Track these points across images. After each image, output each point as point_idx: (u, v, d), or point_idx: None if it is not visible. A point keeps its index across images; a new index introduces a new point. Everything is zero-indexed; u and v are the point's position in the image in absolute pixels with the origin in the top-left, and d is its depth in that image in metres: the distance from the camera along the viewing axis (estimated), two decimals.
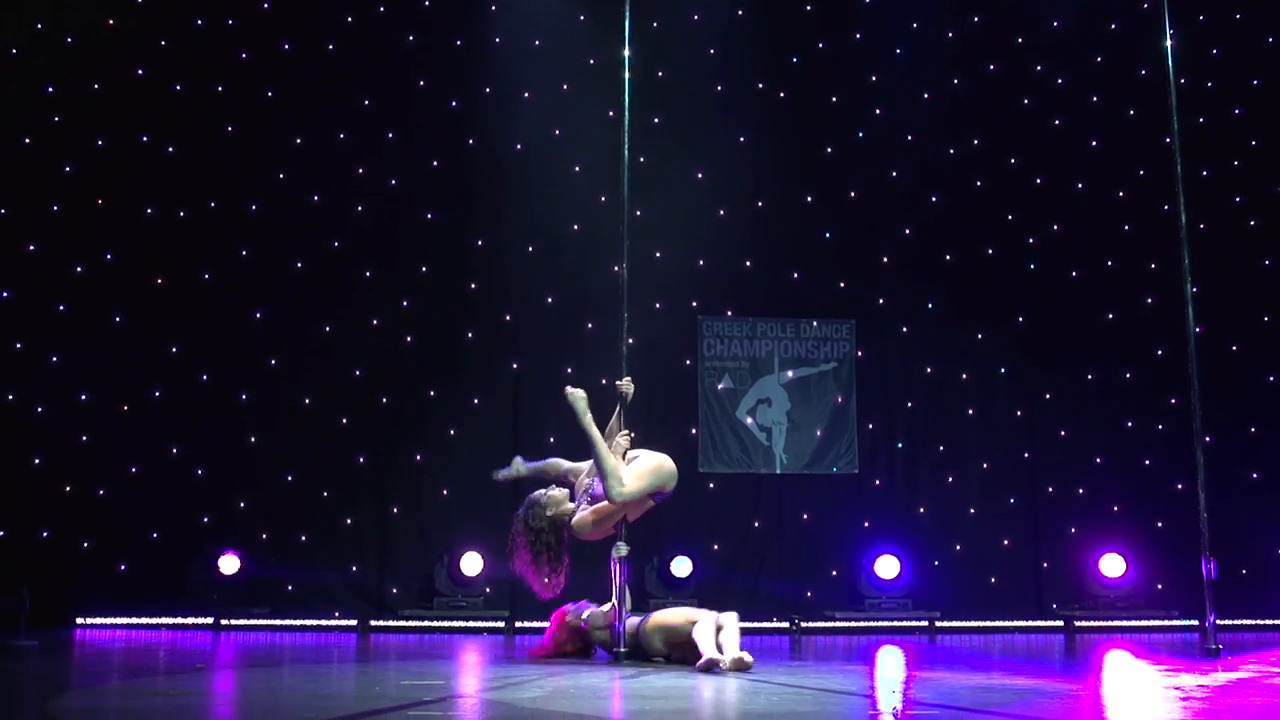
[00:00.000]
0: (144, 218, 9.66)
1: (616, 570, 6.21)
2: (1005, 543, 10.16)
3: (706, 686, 5.07)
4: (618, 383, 6.59)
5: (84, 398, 9.36)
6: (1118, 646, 7.85)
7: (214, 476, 9.44)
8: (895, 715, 4.26)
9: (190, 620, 8.91)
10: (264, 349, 9.65)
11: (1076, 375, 10.39)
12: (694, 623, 5.98)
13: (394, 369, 9.77)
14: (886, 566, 9.61)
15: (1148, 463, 10.26)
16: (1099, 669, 6.45)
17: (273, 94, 9.95)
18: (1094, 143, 10.69)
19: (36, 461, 9.22)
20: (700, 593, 9.40)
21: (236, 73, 9.93)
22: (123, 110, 9.73)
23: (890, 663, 6.76)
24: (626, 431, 6.43)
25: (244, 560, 9.15)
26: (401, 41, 10.17)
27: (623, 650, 6.13)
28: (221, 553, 9.12)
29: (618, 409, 6.54)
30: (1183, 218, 7.16)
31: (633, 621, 6.31)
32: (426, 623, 9.10)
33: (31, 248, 9.50)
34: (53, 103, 9.66)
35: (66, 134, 9.64)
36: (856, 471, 10.16)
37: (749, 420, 10.12)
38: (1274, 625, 9.56)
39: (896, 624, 9.44)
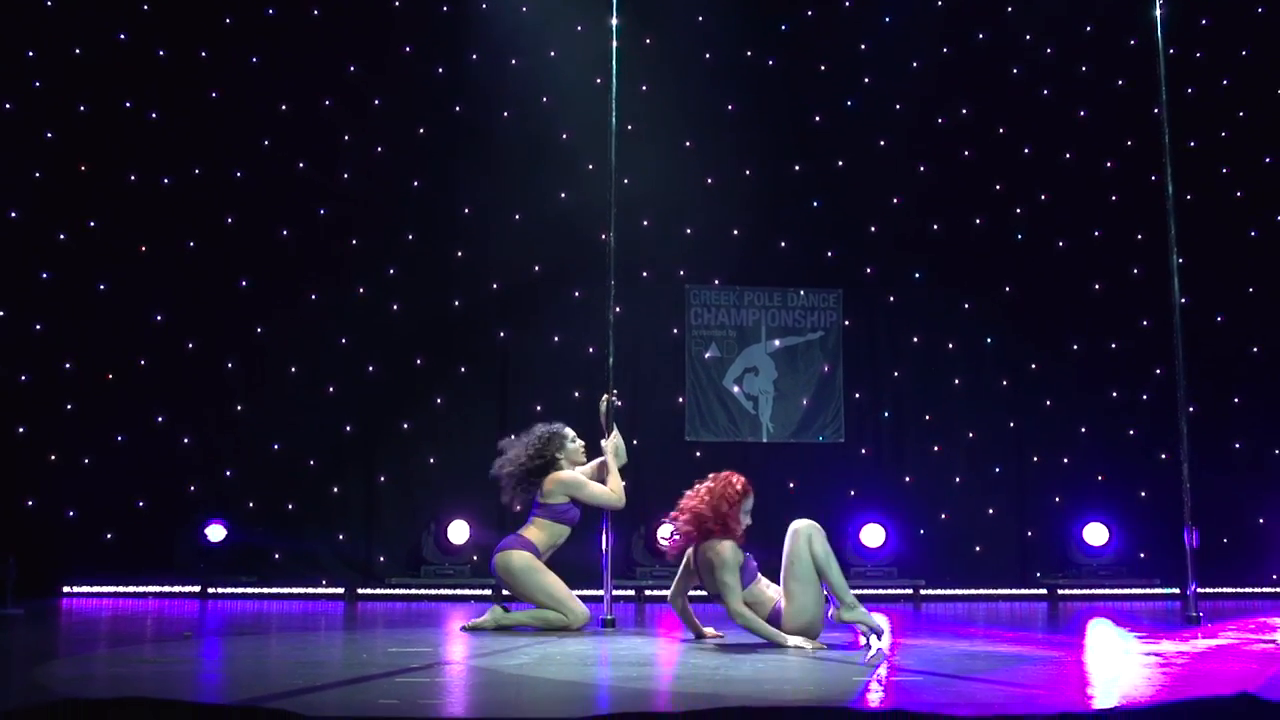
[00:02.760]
0: (127, 184, 9.58)
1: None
2: (990, 511, 10.22)
3: (693, 654, 5.10)
4: (601, 408, 6.67)
5: (68, 366, 9.31)
6: (1100, 614, 7.91)
7: (201, 445, 9.43)
8: (880, 682, 4.29)
9: (177, 589, 8.91)
10: (250, 317, 9.62)
11: (1062, 345, 10.42)
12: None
13: (380, 337, 9.75)
14: (872, 535, 9.67)
15: (1132, 433, 10.31)
16: (1082, 636, 6.50)
17: (257, 60, 9.86)
18: (1082, 113, 10.67)
19: (21, 430, 9.18)
20: None
21: (221, 38, 9.83)
22: (105, 75, 9.63)
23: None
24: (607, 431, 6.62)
25: (231, 529, 9.15)
26: (388, 7, 10.07)
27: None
28: (208, 521, 9.13)
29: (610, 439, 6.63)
30: (1170, 188, 7.15)
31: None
32: (413, 590, 9.13)
33: (13, 215, 9.41)
34: (33, 68, 9.54)
35: (47, 100, 9.53)
36: (842, 440, 10.20)
37: (736, 389, 10.13)
38: (1253, 594, 9.63)
39: (882, 592, 9.49)
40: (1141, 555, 9.98)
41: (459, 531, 9.23)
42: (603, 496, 6.54)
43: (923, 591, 9.56)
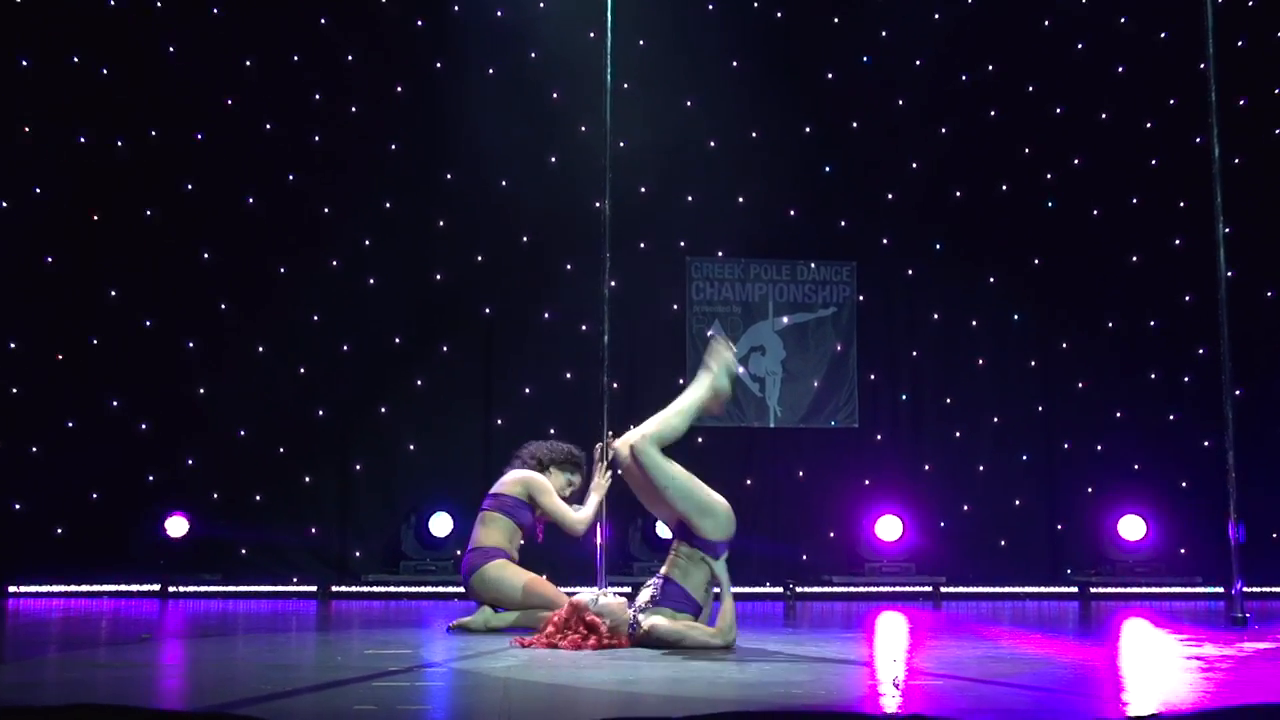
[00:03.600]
0: (77, 148, 9.54)
1: None
2: (1017, 503, 10.25)
3: (695, 656, 5.11)
4: (605, 459, 6.48)
5: (13, 346, 9.30)
6: (1136, 614, 7.94)
7: (159, 431, 9.42)
8: (896, 686, 4.31)
9: (135, 587, 8.91)
10: (213, 292, 9.61)
11: (1096, 323, 10.42)
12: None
13: (355, 314, 9.75)
14: (888, 528, 9.69)
15: (1172, 418, 10.33)
16: (1116, 638, 6.53)
17: (219, 11, 9.81)
18: (1120, 68, 10.65)
19: None
20: None
21: None
22: (50, 28, 9.56)
23: (891, 630, 6.83)
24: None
25: (193, 522, 9.15)
26: None
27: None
28: (168, 514, 9.12)
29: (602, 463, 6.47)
30: (1216, 151, 7.13)
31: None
32: (392, 588, 9.14)
33: None
34: None
35: None
36: (856, 425, 10.22)
37: (741, 370, 10.13)
38: None
39: (898, 589, 9.52)
40: (1182, 551, 10.01)
41: (441, 524, 9.23)
42: (560, 513, 6.49)
43: (943, 589, 9.59)
